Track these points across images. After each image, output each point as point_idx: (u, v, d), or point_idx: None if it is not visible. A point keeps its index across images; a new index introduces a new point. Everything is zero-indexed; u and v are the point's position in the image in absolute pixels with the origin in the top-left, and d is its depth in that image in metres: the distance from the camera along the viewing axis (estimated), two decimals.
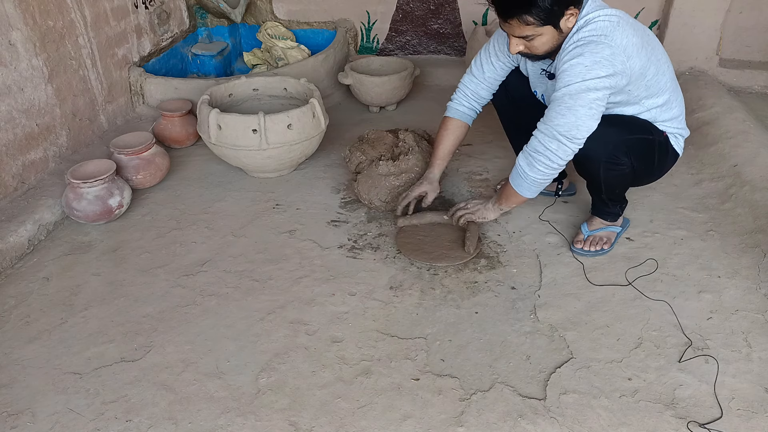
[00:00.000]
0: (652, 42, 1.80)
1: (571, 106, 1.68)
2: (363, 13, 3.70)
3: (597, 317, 1.79)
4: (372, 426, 1.46)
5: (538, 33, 1.67)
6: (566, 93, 1.68)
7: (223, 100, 2.65)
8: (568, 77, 1.67)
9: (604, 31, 1.65)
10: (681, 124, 1.95)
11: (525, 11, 1.61)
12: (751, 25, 3.32)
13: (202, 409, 1.51)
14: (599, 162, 1.83)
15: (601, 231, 2.07)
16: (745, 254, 2.02)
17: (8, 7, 2.18)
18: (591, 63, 1.64)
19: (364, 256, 2.08)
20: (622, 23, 1.68)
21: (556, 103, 1.71)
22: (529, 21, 1.63)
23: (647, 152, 1.89)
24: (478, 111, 2.17)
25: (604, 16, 1.67)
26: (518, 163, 1.85)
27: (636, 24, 1.76)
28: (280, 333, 1.75)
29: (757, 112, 2.98)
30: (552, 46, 1.73)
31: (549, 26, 1.65)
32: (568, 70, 1.67)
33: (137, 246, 2.16)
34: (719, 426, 1.44)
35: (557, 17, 1.64)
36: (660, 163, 1.96)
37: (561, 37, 1.72)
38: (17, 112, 2.26)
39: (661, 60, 1.82)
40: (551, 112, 1.72)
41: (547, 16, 1.62)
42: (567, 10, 1.64)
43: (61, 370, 1.63)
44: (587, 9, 1.69)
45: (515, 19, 1.63)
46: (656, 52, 1.80)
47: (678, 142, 1.95)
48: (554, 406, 1.50)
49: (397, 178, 2.26)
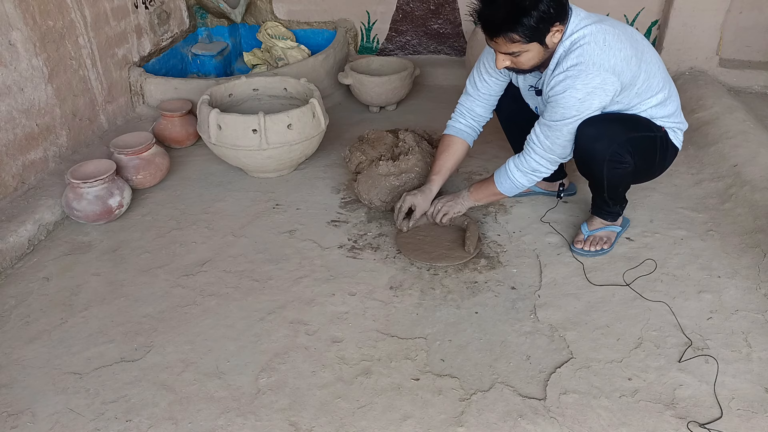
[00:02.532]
0: (640, 45, 1.78)
1: (566, 134, 1.79)
2: (363, 13, 3.70)
3: (597, 317, 1.79)
4: (372, 426, 1.46)
5: (525, 50, 1.69)
6: (564, 125, 1.77)
7: (223, 100, 2.65)
8: (563, 110, 1.73)
9: (593, 57, 1.66)
10: (679, 117, 1.95)
11: (511, 29, 1.63)
12: (751, 25, 3.32)
13: (202, 409, 1.51)
14: (603, 160, 1.84)
15: (601, 231, 2.07)
16: (745, 254, 2.02)
17: (8, 7, 2.18)
18: (584, 95, 1.68)
19: (364, 256, 2.08)
20: (609, 39, 1.67)
21: (553, 131, 1.79)
22: (515, 39, 1.65)
23: (649, 149, 1.90)
24: (478, 129, 2.17)
25: (589, 35, 1.67)
26: (510, 171, 1.93)
27: (622, 30, 1.74)
28: (280, 333, 1.75)
29: (757, 112, 2.98)
30: (538, 62, 1.75)
31: (535, 43, 1.67)
32: (562, 102, 1.71)
33: (137, 246, 2.16)
34: (719, 426, 1.44)
35: (543, 34, 1.66)
36: (661, 159, 1.97)
37: (547, 53, 1.73)
38: (17, 112, 2.26)
39: (651, 61, 1.81)
40: (549, 138, 1.82)
41: (532, 33, 1.64)
42: (552, 27, 1.65)
43: (61, 370, 1.63)
44: (572, 26, 1.69)
45: (501, 37, 1.65)
46: (645, 56, 1.79)
47: (677, 136, 1.95)
48: (554, 406, 1.50)
49: (397, 178, 2.26)
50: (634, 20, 3.39)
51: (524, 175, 1.91)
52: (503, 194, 2.00)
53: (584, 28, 1.69)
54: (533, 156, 1.87)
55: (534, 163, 1.87)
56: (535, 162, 1.87)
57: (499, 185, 1.98)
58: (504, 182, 1.96)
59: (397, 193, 2.26)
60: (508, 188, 1.97)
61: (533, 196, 2.38)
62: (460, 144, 2.15)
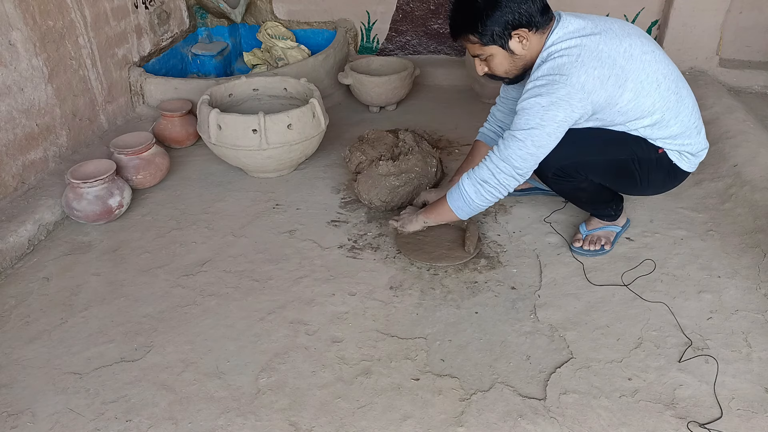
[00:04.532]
0: (631, 66, 1.66)
1: (527, 146, 1.69)
2: (363, 13, 3.70)
3: (597, 317, 1.79)
4: (372, 426, 1.46)
5: (488, 53, 1.71)
6: (526, 134, 1.68)
7: (223, 100, 2.65)
8: (527, 117, 1.68)
9: (562, 69, 1.63)
10: (687, 140, 1.82)
11: (467, 31, 1.69)
12: (751, 25, 3.32)
13: (202, 409, 1.51)
14: (546, 176, 1.92)
15: (599, 230, 2.07)
16: (745, 254, 2.02)
17: (8, 7, 2.18)
18: (548, 104, 1.65)
19: (364, 256, 2.08)
20: (584, 56, 1.62)
21: (513, 141, 1.70)
22: (472, 40, 1.70)
23: (620, 169, 1.86)
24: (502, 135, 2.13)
25: (565, 50, 1.65)
26: (463, 188, 1.80)
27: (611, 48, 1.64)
28: (280, 333, 1.75)
29: (757, 112, 2.99)
30: (509, 68, 1.75)
31: (496, 47, 1.68)
32: (527, 110, 1.69)
33: (137, 246, 2.16)
34: (719, 426, 1.44)
35: (503, 38, 1.66)
36: (653, 179, 1.89)
37: (521, 60, 1.73)
38: (17, 112, 2.26)
39: (645, 82, 1.69)
40: (508, 149, 1.71)
41: (490, 37, 1.66)
42: (514, 31, 1.65)
43: (61, 370, 1.63)
44: (552, 38, 1.68)
45: (460, 38, 1.72)
46: (636, 76, 1.67)
47: (683, 158, 1.84)
48: (554, 406, 1.50)
49: (397, 178, 2.26)
50: (634, 20, 3.39)
51: (473, 185, 1.77)
52: (454, 213, 1.86)
53: (565, 41, 1.65)
54: (487, 164, 1.75)
55: (485, 172, 1.75)
56: (487, 171, 1.74)
57: (450, 201, 1.85)
58: (455, 198, 1.83)
59: (397, 193, 2.26)
60: (459, 205, 1.83)
61: (533, 196, 2.38)
62: (481, 147, 2.16)
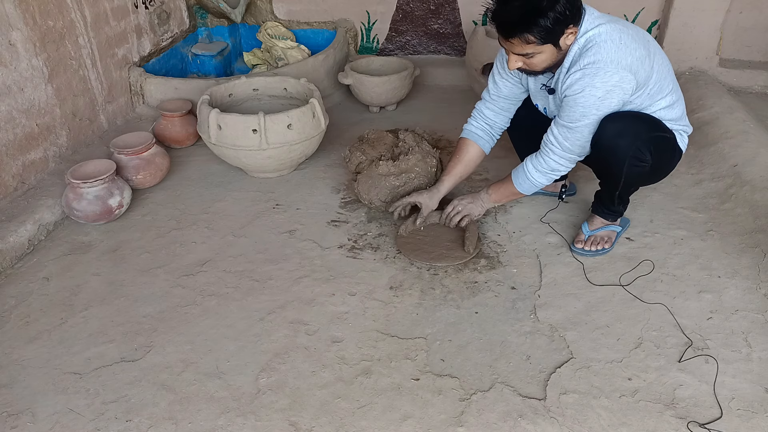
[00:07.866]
0: (652, 47, 1.79)
1: (586, 134, 1.80)
2: (363, 13, 3.70)
3: (597, 317, 1.79)
4: (372, 426, 1.46)
5: (538, 51, 1.69)
6: (583, 125, 1.77)
7: (223, 100, 2.65)
8: (582, 109, 1.73)
9: (610, 55, 1.66)
10: (685, 121, 1.96)
11: (527, 30, 1.63)
12: (751, 25, 3.32)
13: (202, 409, 1.51)
14: (625, 157, 1.81)
15: (601, 230, 2.07)
16: (745, 254, 2.02)
17: (8, 7, 2.18)
18: (603, 93, 1.68)
19: (364, 256, 2.08)
20: (624, 38, 1.69)
21: (573, 132, 1.79)
22: (530, 40, 1.65)
23: (665, 150, 1.90)
24: (492, 134, 2.15)
25: (605, 34, 1.68)
26: (528, 172, 1.94)
27: (635, 31, 1.75)
28: (280, 333, 1.75)
29: (757, 112, 2.98)
30: (551, 63, 1.75)
31: (549, 45, 1.68)
32: (581, 101, 1.71)
33: (137, 246, 2.16)
34: (719, 426, 1.44)
35: (557, 36, 1.66)
36: (669, 162, 1.98)
37: (560, 54, 1.73)
38: (17, 112, 2.26)
39: (662, 64, 1.82)
40: (569, 140, 1.82)
41: (548, 34, 1.64)
42: (567, 29, 1.66)
43: (61, 370, 1.63)
44: (586, 25, 1.70)
45: (516, 38, 1.66)
46: (657, 57, 1.80)
47: (682, 139, 1.96)
48: (554, 406, 1.50)
49: (397, 178, 2.26)
50: (634, 20, 3.39)
51: (543, 175, 1.92)
52: (522, 194, 2.02)
53: (599, 26, 1.69)
54: (552, 157, 1.87)
55: (553, 163, 1.89)
56: (555, 162, 1.88)
57: (518, 185, 1.99)
58: (523, 183, 1.97)
59: (397, 193, 2.26)
60: (527, 188, 1.98)
61: (533, 196, 2.38)
62: (470, 146, 2.13)
